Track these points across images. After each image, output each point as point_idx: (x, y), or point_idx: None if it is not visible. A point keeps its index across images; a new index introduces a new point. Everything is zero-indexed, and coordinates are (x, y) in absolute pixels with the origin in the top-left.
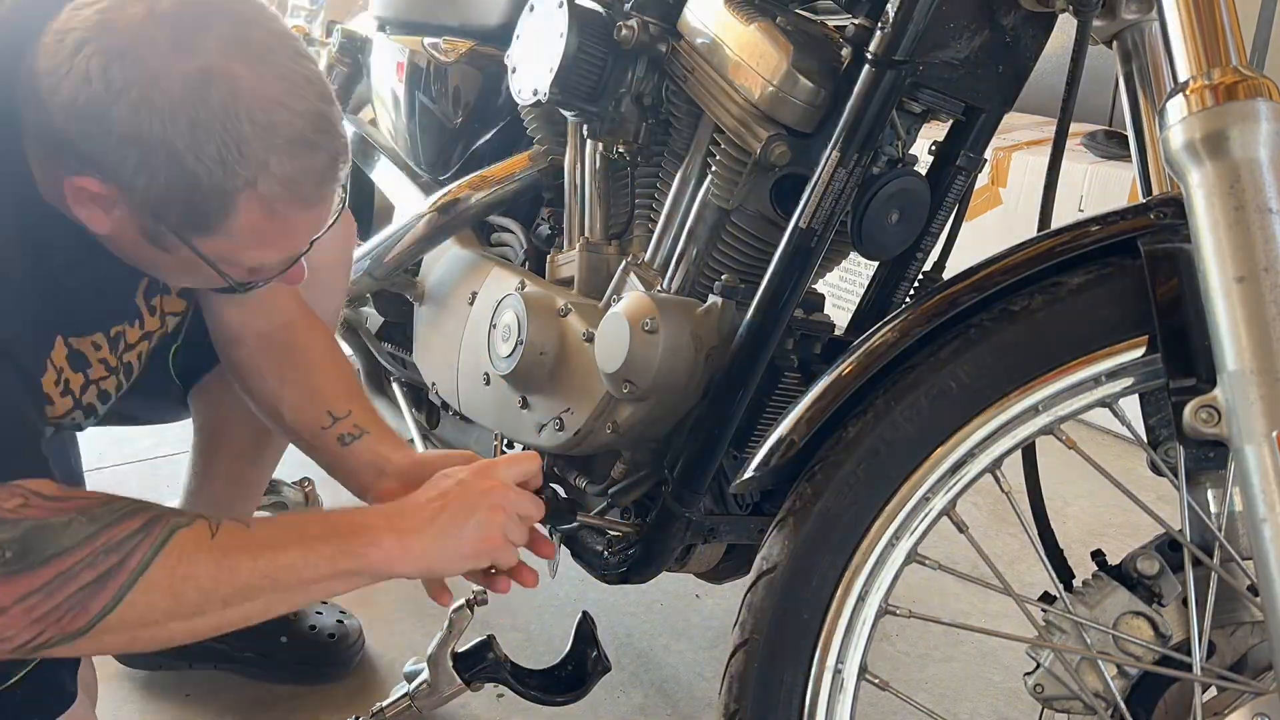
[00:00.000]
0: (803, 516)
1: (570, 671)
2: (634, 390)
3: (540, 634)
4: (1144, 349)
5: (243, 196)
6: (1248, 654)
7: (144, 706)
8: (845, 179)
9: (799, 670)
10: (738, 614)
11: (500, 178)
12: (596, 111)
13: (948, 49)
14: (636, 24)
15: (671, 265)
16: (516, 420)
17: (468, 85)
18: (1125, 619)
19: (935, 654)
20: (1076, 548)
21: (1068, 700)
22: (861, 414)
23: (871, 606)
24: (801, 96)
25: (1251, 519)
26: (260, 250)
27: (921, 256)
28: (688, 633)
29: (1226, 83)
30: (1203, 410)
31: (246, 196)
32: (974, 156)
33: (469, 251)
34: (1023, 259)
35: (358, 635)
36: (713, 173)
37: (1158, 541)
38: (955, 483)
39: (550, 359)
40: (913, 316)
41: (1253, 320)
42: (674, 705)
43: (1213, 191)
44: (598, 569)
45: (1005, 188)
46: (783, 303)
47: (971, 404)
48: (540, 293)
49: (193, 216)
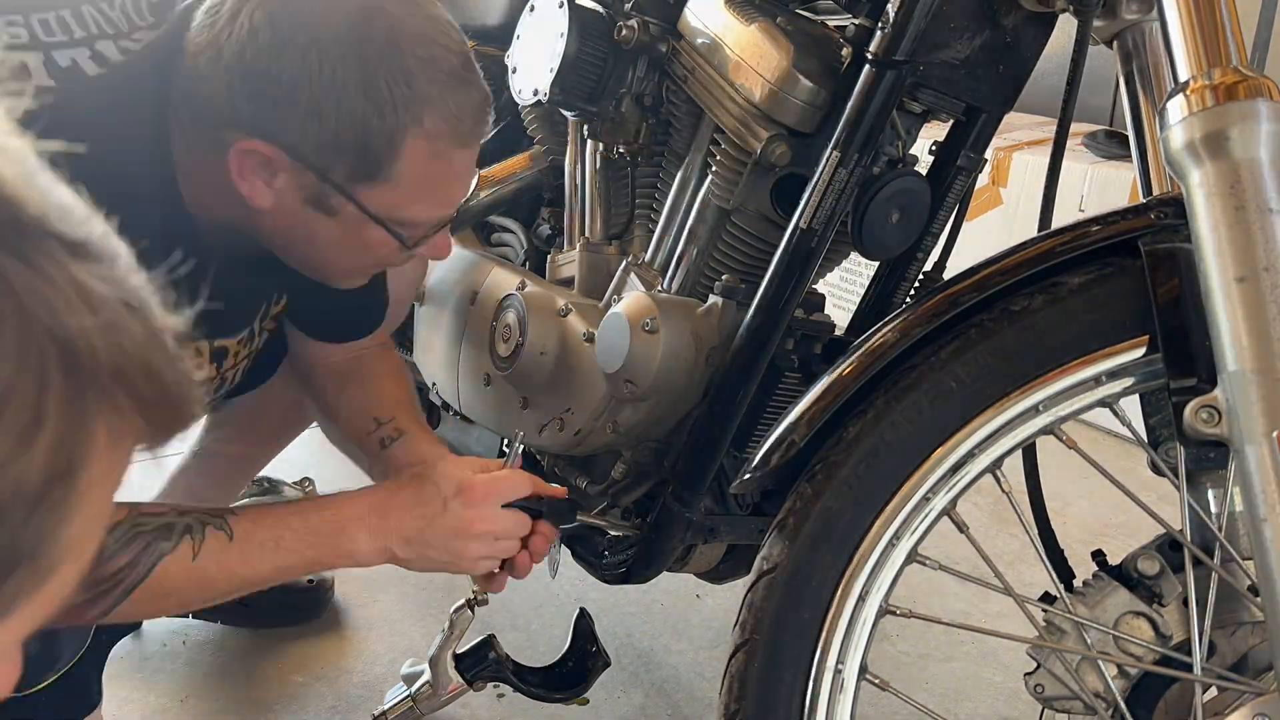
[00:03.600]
0: (803, 516)
1: (571, 668)
2: (634, 390)
3: (540, 633)
4: (1144, 349)
5: (410, 135)
6: (1248, 654)
7: (144, 708)
8: (846, 179)
9: (799, 670)
10: (738, 614)
11: (500, 178)
12: (597, 111)
13: (948, 49)
14: (637, 24)
15: (672, 265)
16: (517, 420)
17: None
18: (1126, 619)
19: (935, 654)
20: (1077, 548)
21: (1068, 700)
22: (862, 414)
23: (872, 606)
24: (802, 96)
25: (1252, 519)
26: (421, 200)
27: (922, 256)
28: (688, 633)
29: (1227, 83)
30: (1203, 410)
31: (413, 135)
32: (974, 156)
33: (469, 251)
34: (1023, 259)
35: (331, 582)
36: (713, 173)
37: (1158, 541)
38: (955, 483)
39: (551, 359)
40: (913, 316)
41: (1253, 320)
42: (674, 705)
43: (1213, 191)
44: (598, 569)
45: (1006, 188)
46: (783, 303)
47: (972, 404)
48: (541, 293)
49: (361, 164)
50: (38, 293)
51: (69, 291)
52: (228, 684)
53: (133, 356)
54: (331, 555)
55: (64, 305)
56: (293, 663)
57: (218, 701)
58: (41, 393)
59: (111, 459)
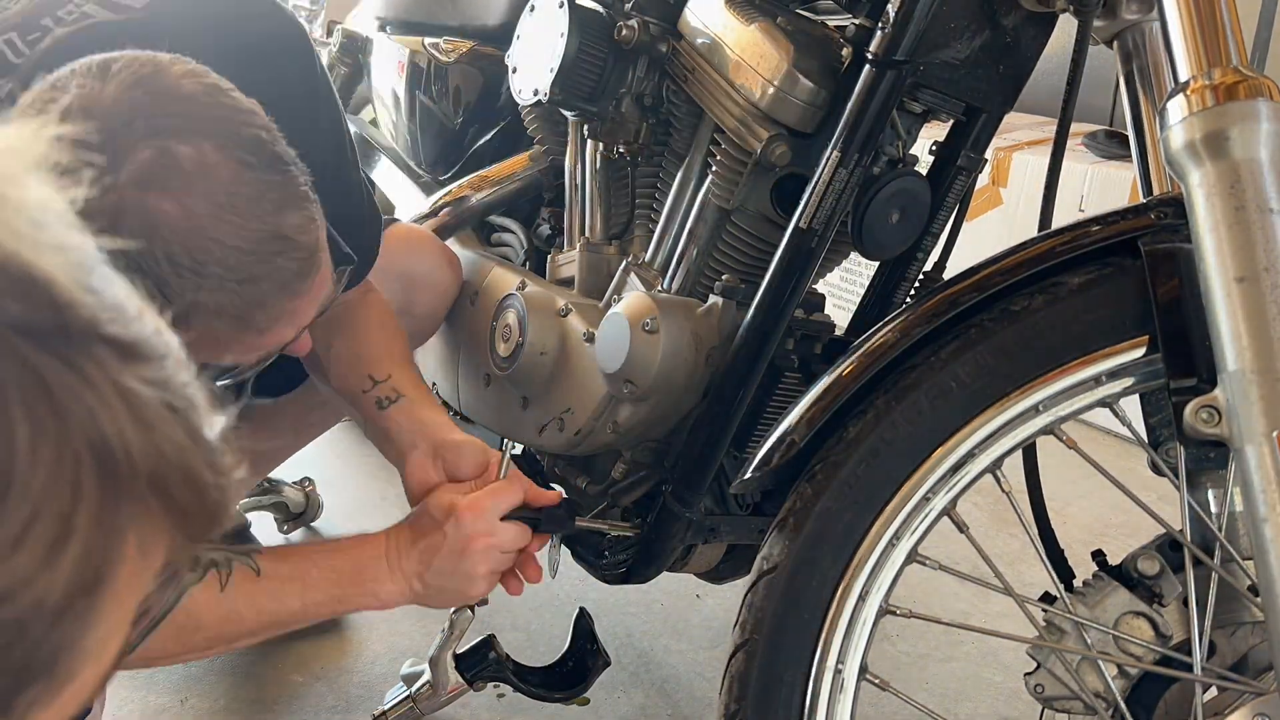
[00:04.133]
0: (803, 517)
1: (571, 668)
2: (634, 390)
3: (540, 633)
4: (1144, 349)
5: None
6: (1248, 654)
7: (144, 708)
8: (846, 179)
9: (799, 670)
10: (738, 614)
11: (500, 178)
12: (597, 111)
13: (948, 49)
14: (637, 24)
15: (672, 265)
16: (517, 420)
17: (468, 85)
18: (1126, 619)
19: (936, 654)
20: (1077, 548)
21: (1068, 700)
22: (862, 414)
23: (872, 606)
24: (802, 96)
25: (1252, 519)
26: (238, 355)
27: (922, 257)
28: (688, 633)
29: (1227, 83)
30: (1203, 410)
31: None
32: (974, 156)
33: (469, 251)
34: (1023, 259)
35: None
36: (713, 173)
37: (1158, 541)
38: (956, 483)
39: (551, 359)
40: (913, 316)
41: (1253, 320)
42: (674, 705)
43: (1213, 191)
44: (598, 569)
45: (1006, 188)
46: (783, 303)
47: (972, 404)
48: (541, 293)
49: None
50: (79, 399)
51: (111, 397)
52: (228, 684)
53: (172, 463)
54: (357, 594)
55: (105, 412)
56: (293, 663)
57: (218, 701)
58: (74, 505)
59: (139, 567)
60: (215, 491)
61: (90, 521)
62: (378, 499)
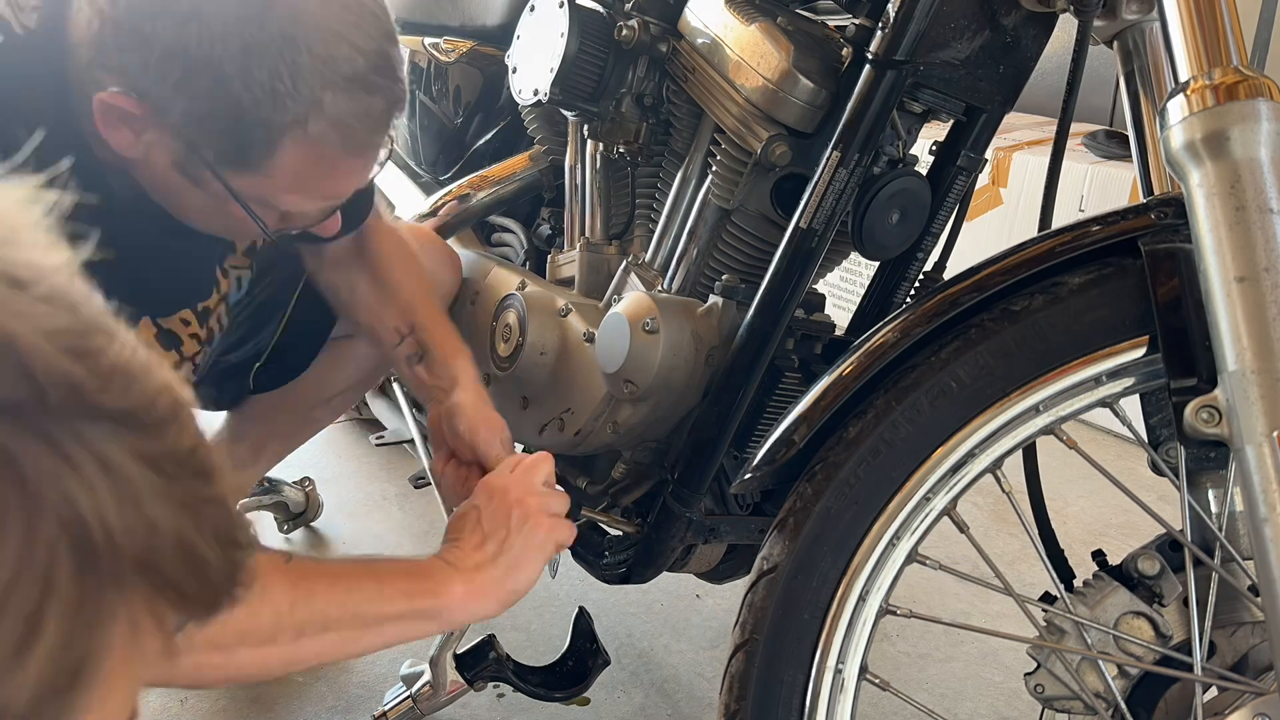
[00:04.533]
0: (803, 516)
1: (571, 667)
2: (634, 390)
3: (540, 633)
4: (1145, 349)
5: (289, 134)
6: (1248, 654)
7: (144, 707)
8: (846, 179)
9: (799, 670)
10: (738, 614)
11: (500, 178)
12: (597, 111)
13: (948, 49)
14: (637, 24)
15: (672, 265)
16: (517, 420)
17: (468, 85)
18: (1126, 619)
19: (936, 654)
20: (1077, 548)
21: (1068, 700)
22: (862, 414)
23: (872, 606)
24: (802, 96)
25: (1252, 519)
26: (298, 195)
27: (922, 257)
28: (688, 633)
29: (1227, 83)
30: (1203, 410)
31: (293, 135)
32: (975, 156)
33: (469, 251)
34: (1023, 259)
35: None
36: (713, 173)
37: (1158, 541)
38: (956, 483)
39: (551, 359)
40: (913, 316)
41: (1253, 320)
42: (674, 705)
43: (1213, 191)
44: (598, 569)
45: (1006, 188)
46: (783, 303)
47: (972, 404)
48: (541, 293)
49: (231, 150)
50: (56, 482)
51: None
52: (226, 686)
53: (165, 540)
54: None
55: (85, 494)
56: None
57: (218, 701)
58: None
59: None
60: (220, 565)
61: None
62: (378, 499)
